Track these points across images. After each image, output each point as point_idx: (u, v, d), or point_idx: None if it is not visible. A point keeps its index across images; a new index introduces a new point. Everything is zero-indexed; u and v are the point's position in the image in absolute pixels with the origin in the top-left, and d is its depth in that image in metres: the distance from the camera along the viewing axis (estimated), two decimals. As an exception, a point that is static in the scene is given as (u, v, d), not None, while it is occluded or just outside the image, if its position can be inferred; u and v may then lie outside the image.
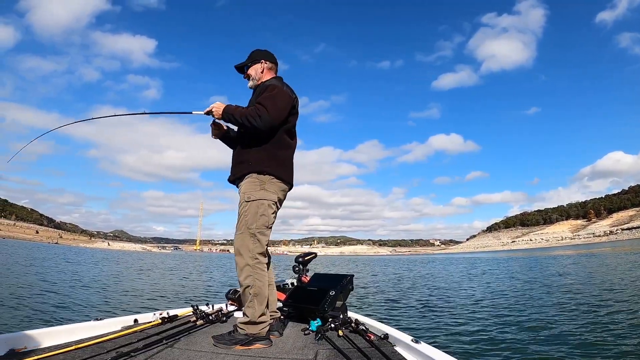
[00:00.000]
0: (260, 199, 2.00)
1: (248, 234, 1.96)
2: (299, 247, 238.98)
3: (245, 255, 1.95)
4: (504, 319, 6.20)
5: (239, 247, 1.98)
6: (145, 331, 2.04)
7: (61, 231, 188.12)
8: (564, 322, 5.69)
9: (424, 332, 5.52)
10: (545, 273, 16.09)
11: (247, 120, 1.97)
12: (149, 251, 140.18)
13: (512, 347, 4.52)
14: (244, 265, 1.95)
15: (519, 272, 17.37)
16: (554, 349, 4.35)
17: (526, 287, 10.90)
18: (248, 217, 1.98)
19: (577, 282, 11.21)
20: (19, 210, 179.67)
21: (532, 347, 4.47)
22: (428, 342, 1.77)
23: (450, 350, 3.91)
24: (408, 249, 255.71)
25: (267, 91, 2.05)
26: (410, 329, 5.56)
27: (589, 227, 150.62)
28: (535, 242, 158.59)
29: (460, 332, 5.39)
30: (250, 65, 2.24)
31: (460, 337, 5.09)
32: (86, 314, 6.61)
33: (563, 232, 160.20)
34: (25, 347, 1.63)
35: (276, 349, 1.87)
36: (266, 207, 2.01)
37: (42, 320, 5.77)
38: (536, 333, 5.11)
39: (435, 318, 6.58)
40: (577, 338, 4.70)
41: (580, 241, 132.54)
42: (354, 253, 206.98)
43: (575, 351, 4.21)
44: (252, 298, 1.94)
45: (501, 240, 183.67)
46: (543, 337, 4.89)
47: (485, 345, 4.64)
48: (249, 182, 2.03)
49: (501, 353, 4.32)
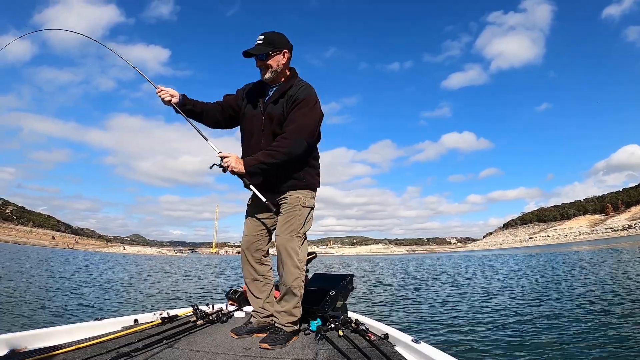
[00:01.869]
0: (311, 207, 2.09)
1: (297, 237, 2.02)
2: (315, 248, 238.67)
3: (295, 258, 2.00)
4: (505, 319, 6.14)
5: (290, 249, 2.00)
6: (145, 331, 2.04)
7: (77, 236, 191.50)
8: (571, 321, 5.58)
9: (424, 332, 5.50)
10: (557, 270, 15.95)
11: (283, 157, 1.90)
12: (164, 255, 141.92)
13: (514, 347, 4.49)
14: (294, 267, 2.00)
15: (530, 270, 17.25)
16: (558, 348, 4.29)
17: (534, 285, 10.77)
18: (301, 221, 2.03)
19: (589, 279, 11.02)
20: (36, 217, 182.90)
21: (534, 347, 4.43)
22: (428, 342, 1.76)
23: (450, 351, 3.84)
24: (424, 247, 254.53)
25: (304, 106, 1.93)
26: (410, 329, 5.55)
27: (607, 221, 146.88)
28: (553, 238, 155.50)
29: (460, 333, 5.36)
30: (272, 55, 1.96)
31: (460, 338, 5.07)
32: (86, 314, 6.65)
33: (581, 227, 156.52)
34: (25, 347, 1.63)
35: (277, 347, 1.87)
36: (312, 215, 2.12)
37: (42, 321, 5.80)
38: (539, 333, 5.05)
39: (436, 318, 6.55)
40: (583, 338, 4.63)
41: (598, 236, 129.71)
42: (370, 253, 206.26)
43: (580, 352, 4.14)
44: (300, 299, 2.05)
45: (518, 236, 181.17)
46: (547, 337, 4.82)
47: (486, 346, 4.61)
48: (300, 192, 2.06)
49: (502, 353, 4.29)
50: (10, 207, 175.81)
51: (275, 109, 2.00)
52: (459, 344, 4.77)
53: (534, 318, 6.02)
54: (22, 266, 19.42)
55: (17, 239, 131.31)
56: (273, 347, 1.85)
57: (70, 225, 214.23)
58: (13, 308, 6.71)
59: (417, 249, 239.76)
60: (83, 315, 6.49)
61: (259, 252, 2.17)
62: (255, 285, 2.18)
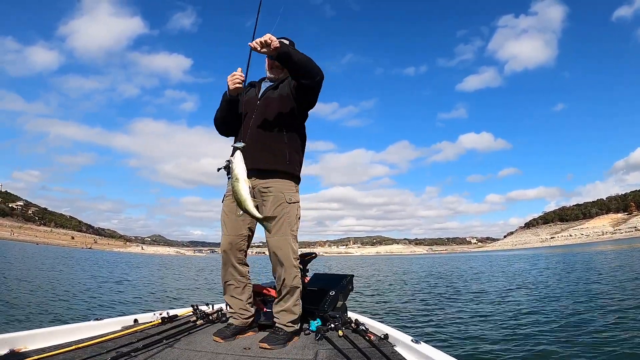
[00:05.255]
0: (298, 202, 2.05)
1: (291, 236, 2.01)
2: (334, 248, 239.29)
3: (292, 257, 2.00)
4: (506, 319, 6.07)
5: (286, 249, 1.99)
6: (145, 331, 2.05)
7: (97, 236, 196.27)
8: (575, 324, 5.43)
9: (424, 332, 5.48)
10: (569, 270, 15.56)
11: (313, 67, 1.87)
12: (182, 255, 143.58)
13: (514, 348, 4.44)
14: (292, 266, 2.00)
15: (543, 270, 17.00)
16: (559, 350, 4.22)
17: (543, 286, 10.50)
18: (291, 219, 2.00)
19: (604, 280, 10.69)
20: (58, 217, 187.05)
21: (535, 348, 4.37)
22: (428, 342, 1.75)
23: (450, 351, 3.76)
24: (445, 247, 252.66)
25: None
26: (410, 330, 5.52)
27: (630, 220, 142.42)
28: (575, 237, 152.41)
29: (461, 333, 5.33)
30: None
31: (461, 338, 5.04)
32: (86, 314, 6.63)
33: (604, 226, 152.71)
34: (25, 347, 1.64)
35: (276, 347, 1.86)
36: (299, 210, 2.08)
37: (42, 321, 5.80)
38: (541, 335, 4.98)
39: (436, 318, 6.52)
40: (587, 340, 4.53)
41: (622, 235, 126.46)
42: (390, 253, 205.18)
43: (582, 353, 4.07)
44: (298, 297, 2.05)
45: (540, 236, 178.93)
46: (550, 339, 4.75)
47: (486, 346, 4.58)
48: (284, 182, 2.01)
49: (502, 353, 4.25)
50: (33, 209, 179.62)
51: (274, 93, 2.10)
52: (459, 344, 4.75)
53: (537, 319, 5.95)
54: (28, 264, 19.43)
55: (35, 239, 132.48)
56: (272, 347, 1.84)
57: (92, 225, 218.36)
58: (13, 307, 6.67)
59: (437, 249, 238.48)
60: (83, 315, 6.46)
61: (242, 252, 2.10)
62: (236, 287, 2.12)
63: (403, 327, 5.60)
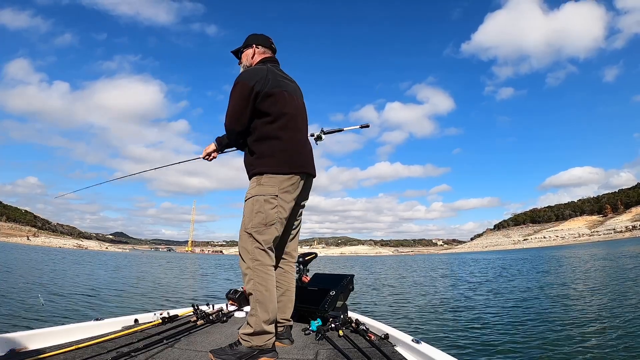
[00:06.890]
0: (255, 195, 1.82)
1: (245, 234, 1.80)
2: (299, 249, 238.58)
3: (245, 258, 1.78)
4: (506, 319, 6.13)
5: (239, 250, 1.83)
6: (145, 331, 2.04)
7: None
8: (571, 323, 5.54)
9: (424, 332, 5.50)
10: (562, 271, 15.69)
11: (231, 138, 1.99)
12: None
13: (514, 348, 4.48)
14: (245, 268, 1.78)
15: (531, 271, 17.01)
16: (557, 350, 4.28)
17: (539, 288, 10.56)
18: (244, 217, 1.83)
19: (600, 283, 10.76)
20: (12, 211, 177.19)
21: (534, 348, 4.42)
22: (429, 342, 1.75)
23: (450, 351, 3.83)
24: (411, 248, 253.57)
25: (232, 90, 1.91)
26: (411, 329, 5.54)
27: (607, 222, 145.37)
28: (550, 239, 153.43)
29: (461, 333, 5.36)
30: (243, 51, 2.11)
31: (461, 338, 5.06)
32: (86, 314, 6.61)
33: (579, 228, 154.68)
34: (25, 347, 1.63)
35: (276, 348, 1.85)
36: (262, 203, 1.80)
37: (42, 321, 5.76)
38: (540, 334, 5.04)
39: (436, 318, 6.55)
40: (582, 340, 4.60)
41: (600, 238, 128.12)
42: (355, 253, 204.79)
43: (579, 353, 4.12)
44: (254, 305, 1.73)
45: (511, 238, 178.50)
46: (547, 338, 4.81)
47: (486, 346, 4.61)
48: (250, 183, 1.92)
49: (502, 354, 4.28)
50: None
51: None
52: (459, 344, 4.76)
53: (536, 319, 6.01)
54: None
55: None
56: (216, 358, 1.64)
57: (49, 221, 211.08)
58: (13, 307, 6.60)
59: (403, 251, 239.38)
60: (83, 316, 6.44)
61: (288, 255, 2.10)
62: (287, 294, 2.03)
63: (403, 327, 5.63)
